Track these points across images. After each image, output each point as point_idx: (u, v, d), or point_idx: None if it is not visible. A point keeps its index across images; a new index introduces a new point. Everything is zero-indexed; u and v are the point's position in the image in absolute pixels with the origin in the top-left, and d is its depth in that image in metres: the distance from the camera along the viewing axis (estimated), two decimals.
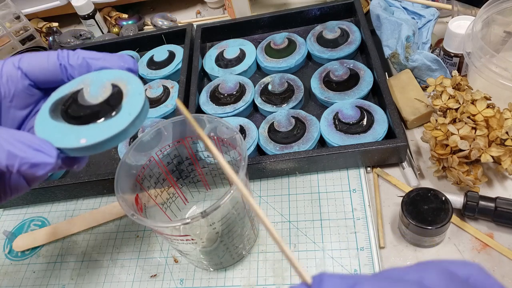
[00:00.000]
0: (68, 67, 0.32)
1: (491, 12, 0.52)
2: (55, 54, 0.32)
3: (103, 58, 0.33)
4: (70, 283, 0.51)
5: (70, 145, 0.29)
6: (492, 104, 0.46)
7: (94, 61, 0.33)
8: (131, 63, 0.34)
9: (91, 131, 0.30)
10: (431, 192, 0.43)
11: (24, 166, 0.27)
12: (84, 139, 0.30)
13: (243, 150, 0.38)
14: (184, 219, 0.34)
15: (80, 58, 0.33)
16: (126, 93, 0.32)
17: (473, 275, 0.21)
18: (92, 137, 0.30)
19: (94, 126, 0.30)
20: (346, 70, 0.59)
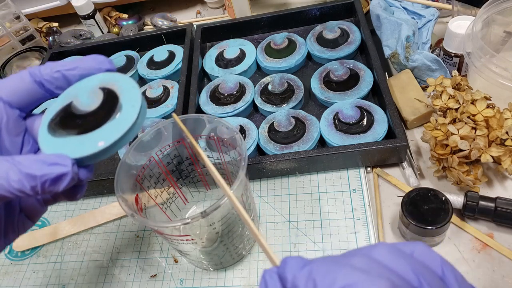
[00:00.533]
0: (44, 82, 0.32)
1: (491, 12, 0.52)
2: (26, 72, 0.31)
3: (78, 66, 0.32)
4: (70, 283, 0.51)
5: (86, 152, 0.29)
6: (492, 104, 0.46)
7: (70, 71, 0.32)
8: (107, 64, 0.33)
9: (103, 134, 0.30)
10: (431, 192, 0.43)
11: (46, 184, 0.27)
12: (102, 142, 0.30)
13: (243, 150, 0.38)
14: (184, 219, 0.34)
15: (53, 70, 0.32)
16: (120, 91, 0.32)
17: (417, 250, 0.23)
18: (108, 138, 0.30)
19: (104, 129, 0.30)
20: (346, 70, 0.59)
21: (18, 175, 0.27)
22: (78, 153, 0.29)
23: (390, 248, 0.23)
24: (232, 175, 0.48)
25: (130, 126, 0.30)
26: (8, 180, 0.26)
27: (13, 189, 0.27)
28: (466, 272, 0.42)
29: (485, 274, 0.42)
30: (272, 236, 0.49)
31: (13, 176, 0.26)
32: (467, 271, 0.42)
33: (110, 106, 0.31)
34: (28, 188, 0.27)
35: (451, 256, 0.44)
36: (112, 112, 0.31)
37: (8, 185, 0.26)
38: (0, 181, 0.26)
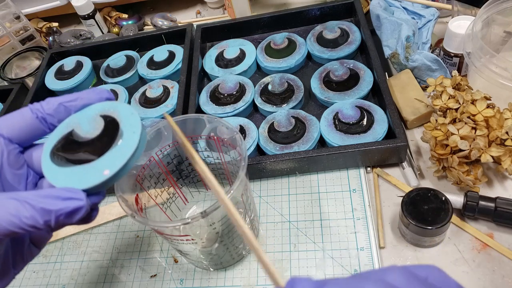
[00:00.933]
0: (46, 116, 0.32)
1: (491, 12, 0.52)
2: (27, 109, 0.32)
3: (79, 97, 0.33)
4: (70, 283, 0.51)
5: (94, 182, 0.30)
6: (492, 104, 0.46)
7: (71, 103, 0.33)
8: (106, 93, 0.34)
9: (107, 162, 0.30)
10: (431, 192, 0.43)
11: (61, 217, 0.28)
12: (107, 170, 0.30)
13: (243, 150, 0.38)
14: (184, 219, 0.34)
15: (55, 104, 0.33)
16: (120, 118, 0.33)
17: (431, 275, 0.23)
18: (112, 166, 0.30)
19: (108, 157, 0.31)
20: (346, 70, 0.59)
21: (31, 211, 0.27)
22: (85, 184, 0.30)
23: (404, 272, 0.22)
24: (232, 175, 0.48)
25: (132, 152, 0.30)
26: (20, 217, 0.27)
27: (25, 225, 0.27)
28: (466, 272, 0.42)
29: (485, 274, 0.42)
30: (272, 236, 0.49)
31: (25, 212, 0.27)
32: (467, 271, 0.42)
33: (112, 133, 0.32)
34: (41, 223, 0.27)
35: (451, 256, 0.44)
36: (114, 139, 0.31)
37: (20, 222, 0.27)
38: (11, 218, 0.27)
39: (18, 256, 0.33)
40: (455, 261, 0.43)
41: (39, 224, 0.27)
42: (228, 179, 0.50)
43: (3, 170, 0.31)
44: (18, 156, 0.33)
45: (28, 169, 0.33)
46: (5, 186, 0.31)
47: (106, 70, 0.74)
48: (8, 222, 0.27)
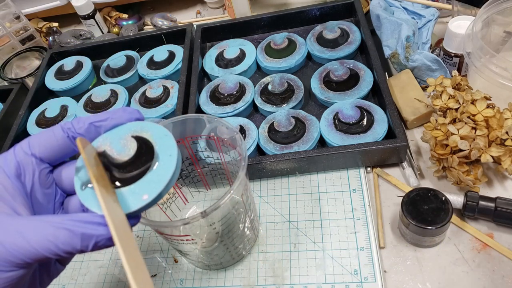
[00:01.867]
0: (77, 136, 0.32)
1: (491, 12, 0.52)
2: (59, 128, 0.32)
3: (110, 117, 0.33)
4: (70, 283, 0.51)
5: (134, 207, 0.29)
6: (492, 104, 0.46)
7: (102, 123, 0.32)
8: (137, 114, 0.34)
9: (145, 186, 0.29)
10: (431, 192, 0.43)
11: (101, 242, 0.28)
12: (146, 195, 0.29)
13: (243, 150, 0.38)
14: (184, 219, 0.34)
15: (86, 123, 0.32)
16: (153, 140, 0.31)
17: None
18: (151, 191, 0.29)
19: (145, 181, 0.30)
20: (346, 70, 0.59)
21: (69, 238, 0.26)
22: (127, 209, 0.29)
23: None
24: (232, 175, 0.48)
25: (171, 176, 0.29)
26: (57, 243, 0.26)
27: (61, 251, 0.26)
28: (466, 272, 0.42)
29: (485, 274, 0.42)
30: (272, 236, 0.49)
31: (62, 238, 0.26)
32: (467, 271, 0.42)
33: (147, 156, 0.30)
34: (78, 249, 0.27)
35: (451, 256, 0.44)
36: (150, 162, 0.30)
37: (56, 248, 0.26)
38: (47, 244, 0.26)
39: (45, 275, 0.32)
40: (455, 261, 0.43)
41: (76, 250, 0.27)
42: (228, 179, 0.50)
43: (34, 190, 0.31)
44: (48, 175, 0.32)
45: (56, 188, 0.33)
46: (35, 205, 0.31)
47: (106, 70, 0.74)
48: (44, 248, 0.26)
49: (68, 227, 0.27)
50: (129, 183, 0.30)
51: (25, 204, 0.30)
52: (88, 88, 0.74)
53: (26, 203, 0.30)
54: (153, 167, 0.30)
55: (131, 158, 0.30)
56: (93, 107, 0.66)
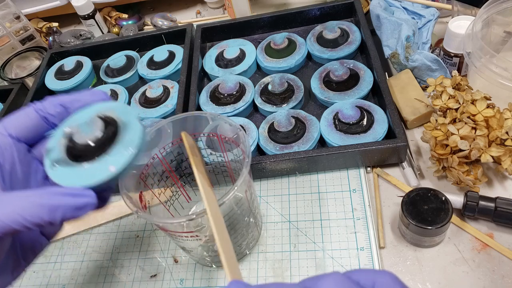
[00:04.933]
0: (48, 116, 0.34)
1: (491, 12, 0.52)
2: (31, 109, 0.33)
3: (77, 98, 0.35)
4: (70, 283, 0.51)
5: (100, 178, 0.31)
6: (492, 104, 0.46)
7: (71, 104, 0.35)
8: (103, 95, 0.36)
9: (112, 159, 0.32)
10: (431, 192, 0.43)
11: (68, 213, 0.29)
12: (113, 166, 0.31)
13: (246, 147, 0.38)
14: (189, 215, 0.35)
15: (56, 104, 0.34)
16: (118, 118, 0.34)
17: (379, 282, 0.21)
18: (117, 163, 0.31)
19: (113, 154, 0.32)
20: (346, 70, 0.59)
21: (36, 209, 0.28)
22: (92, 181, 0.31)
23: (339, 280, 0.21)
24: (235, 172, 0.48)
25: (136, 149, 0.32)
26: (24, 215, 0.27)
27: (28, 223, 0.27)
28: (466, 272, 0.42)
29: (485, 274, 0.42)
30: (272, 236, 0.49)
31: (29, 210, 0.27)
32: (467, 271, 0.42)
33: (112, 132, 0.33)
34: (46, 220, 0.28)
35: (451, 256, 0.44)
36: (115, 138, 0.33)
37: (24, 220, 0.27)
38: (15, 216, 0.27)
39: (29, 251, 0.33)
40: (455, 261, 0.43)
41: (44, 221, 0.28)
42: (231, 177, 0.50)
43: (15, 169, 0.32)
44: (26, 154, 0.34)
45: (37, 166, 0.35)
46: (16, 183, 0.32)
47: (106, 70, 0.74)
48: (12, 221, 0.27)
49: (36, 199, 0.28)
50: (96, 158, 0.32)
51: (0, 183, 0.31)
52: (88, 88, 0.74)
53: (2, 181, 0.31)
54: (118, 141, 0.32)
55: (98, 136, 0.33)
56: None
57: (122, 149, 0.32)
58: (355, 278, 0.21)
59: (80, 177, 0.32)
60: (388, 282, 0.21)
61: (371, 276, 0.21)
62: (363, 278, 0.21)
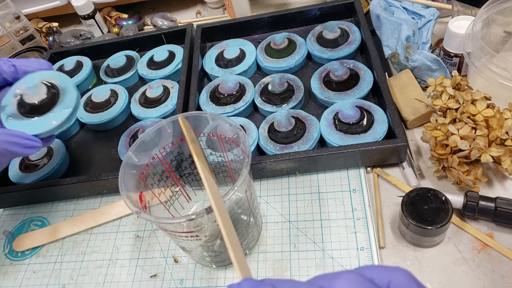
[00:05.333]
0: (2, 72, 0.46)
1: (491, 12, 0.52)
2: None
3: (26, 64, 0.47)
4: (70, 283, 0.51)
5: (45, 129, 0.45)
6: (492, 104, 0.46)
7: (21, 67, 0.47)
8: (46, 65, 0.48)
9: (54, 116, 0.46)
10: (431, 192, 0.43)
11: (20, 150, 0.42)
12: (55, 121, 0.45)
13: (246, 147, 0.38)
14: (189, 215, 0.35)
15: (10, 65, 0.46)
16: (58, 83, 0.47)
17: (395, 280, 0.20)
18: (58, 118, 0.46)
19: (55, 111, 0.46)
20: (346, 70, 0.59)
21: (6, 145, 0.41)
22: (40, 130, 0.45)
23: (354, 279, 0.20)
24: (235, 172, 0.48)
25: (72, 108, 0.46)
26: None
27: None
28: (466, 272, 0.42)
29: (485, 274, 0.42)
30: (272, 236, 0.49)
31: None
32: (467, 271, 0.42)
33: (54, 95, 0.47)
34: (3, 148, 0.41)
35: (451, 256, 0.44)
36: (57, 99, 0.47)
37: None
38: None
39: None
40: (455, 261, 0.43)
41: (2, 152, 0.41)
42: (231, 177, 0.50)
43: None
44: None
45: None
46: None
47: (106, 70, 0.74)
48: None
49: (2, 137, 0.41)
50: (42, 115, 0.46)
51: None
52: (88, 88, 0.74)
53: None
54: (59, 102, 0.46)
55: (43, 98, 0.46)
56: (93, 107, 0.66)
57: (61, 108, 0.46)
58: (369, 276, 0.21)
59: (29, 128, 0.44)
60: (403, 280, 0.20)
61: (386, 274, 0.21)
62: (377, 276, 0.21)
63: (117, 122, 0.66)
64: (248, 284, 0.23)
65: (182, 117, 0.38)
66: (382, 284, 0.21)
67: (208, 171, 0.35)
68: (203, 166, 0.35)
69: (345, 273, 0.21)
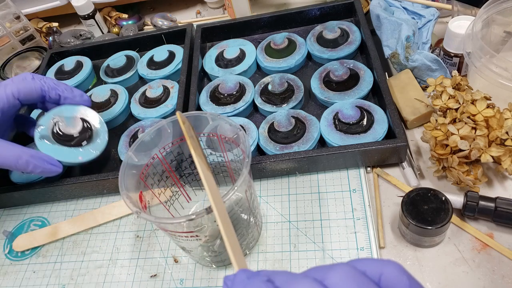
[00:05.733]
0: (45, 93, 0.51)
1: (491, 12, 0.52)
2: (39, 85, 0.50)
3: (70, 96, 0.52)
4: (70, 283, 0.51)
5: (71, 160, 0.51)
6: (492, 104, 0.46)
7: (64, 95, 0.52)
8: (88, 102, 0.54)
9: (82, 152, 0.52)
10: (431, 192, 0.43)
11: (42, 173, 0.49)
12: (81, 157, 0.51)
13: (246, 147, 0.38)
14: (188, 215, 0.35)
15: (56, 94, 0.51)
16: (93, 124, 0.53)
17: (386, 273, 0.21)
18: (85, 156, 0.52)
19: (84, 148, 0.52)
20: (346, 70, 0.59)
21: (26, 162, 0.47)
22: (65, 160, 0.51)
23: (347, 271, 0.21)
24: (235, 172, 0.48)
25: (100, 152, 0.53)
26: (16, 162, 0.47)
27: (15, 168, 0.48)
28: (466, 272, 0.42)
29: (485, 274, 0.42)
30: (272, 236, 0.49)
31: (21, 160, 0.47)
32: (467, 271, 0.42)
33: (87, 133, 0.53)
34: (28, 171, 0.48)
35: (451, 256, 0.44)
36: (89, 138, 0.52)
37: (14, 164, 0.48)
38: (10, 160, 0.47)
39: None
40: (455, 261, 0.43)
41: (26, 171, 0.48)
42: (231, 177, 0.50)
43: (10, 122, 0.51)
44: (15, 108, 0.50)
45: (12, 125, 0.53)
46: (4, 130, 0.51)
47: (106, 70, 0.74)
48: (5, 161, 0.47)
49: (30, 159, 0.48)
50: (71, 146, 0.51)
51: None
52: (88, 88, 0.74)
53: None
54: (89, 142, 0.52)
55: (77, 132, 0.52)
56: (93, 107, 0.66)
57: (90, 148, 0.52)
58: (361, 268, 0.22)
59: (57, 153, 0.50)
60: (394, 272, 0.21)
61: (377, 266, 0.21)
62: (369, 268, 0.21)
63: (117, 122, 0.66)
64: (244, 274, 0.23)
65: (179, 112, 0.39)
66: (374, 276, 0.21)
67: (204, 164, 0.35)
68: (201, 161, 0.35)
69: (338, 265, 0.22)
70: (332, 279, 0.21)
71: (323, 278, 0.21)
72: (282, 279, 0.22)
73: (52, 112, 0.52)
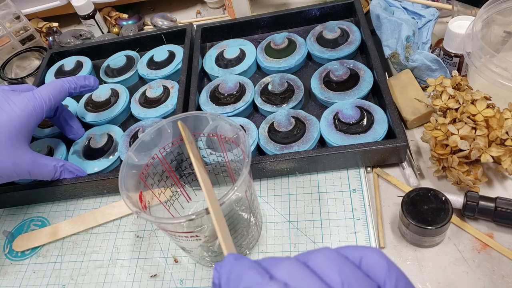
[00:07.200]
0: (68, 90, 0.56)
1: (491, 12, 0.52)
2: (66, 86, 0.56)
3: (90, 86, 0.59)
4: (70, 283, 0.51)
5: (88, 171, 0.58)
6: (492, 104, 0.46)
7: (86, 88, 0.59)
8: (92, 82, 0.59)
9: (99, 164, 0.59)
10: (431, 192, 0.43)
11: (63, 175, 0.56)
12: (96, 168, 0.58)
13: (246, 147, 0.38)
14: (188, 215, 0.35)
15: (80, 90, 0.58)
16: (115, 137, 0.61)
17: (365, 256, 0.23)
18: (100, 166, 0.58)
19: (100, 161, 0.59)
20: (346, 70, 0.59)
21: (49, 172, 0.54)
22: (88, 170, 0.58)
23: (330, 253, 0.23)
24: (235, 172, 0.48)
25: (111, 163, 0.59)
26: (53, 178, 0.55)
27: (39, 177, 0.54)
28: (466, 272, 0.42)
29: (485, 274, 0.42)
30: (272, 236, 0.49)
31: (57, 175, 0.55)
32: (467, 271, 0.42)
33: (110, 147, 0.60)
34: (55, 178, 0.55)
35: (451, 256, 0.44)
36: (110, 152, 0.60)
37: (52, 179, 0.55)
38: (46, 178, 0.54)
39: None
40: (455, 261, 0.43)
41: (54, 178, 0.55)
42: (231, 177, 0.50)
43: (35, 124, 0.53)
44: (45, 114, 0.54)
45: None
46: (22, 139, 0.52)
47: (106, 70, 0.74)
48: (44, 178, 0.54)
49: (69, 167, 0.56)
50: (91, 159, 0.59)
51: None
52: None
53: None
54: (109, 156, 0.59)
55: (100, 146, 0.60)
56: (94, 107, 0.66)
57: (108, 162, 0.59)
58: (344, 252, 0.23)
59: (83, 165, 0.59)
60: (374, 256, 0.23)
61: (358, 251, 0.23)
62: (351, 253, 0.23)
63: (117, 122, 0.66)
64: (232, 257, 0.25)
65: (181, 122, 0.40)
66: (355, 259, 0.23)
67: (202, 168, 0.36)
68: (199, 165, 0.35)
69: (321, 249, 0.23)
70: (315, 260, 0.22)
71: (307, 260, 0.23)
72: (267, 261, 0.24)
73: (89, 131, 0.64)
